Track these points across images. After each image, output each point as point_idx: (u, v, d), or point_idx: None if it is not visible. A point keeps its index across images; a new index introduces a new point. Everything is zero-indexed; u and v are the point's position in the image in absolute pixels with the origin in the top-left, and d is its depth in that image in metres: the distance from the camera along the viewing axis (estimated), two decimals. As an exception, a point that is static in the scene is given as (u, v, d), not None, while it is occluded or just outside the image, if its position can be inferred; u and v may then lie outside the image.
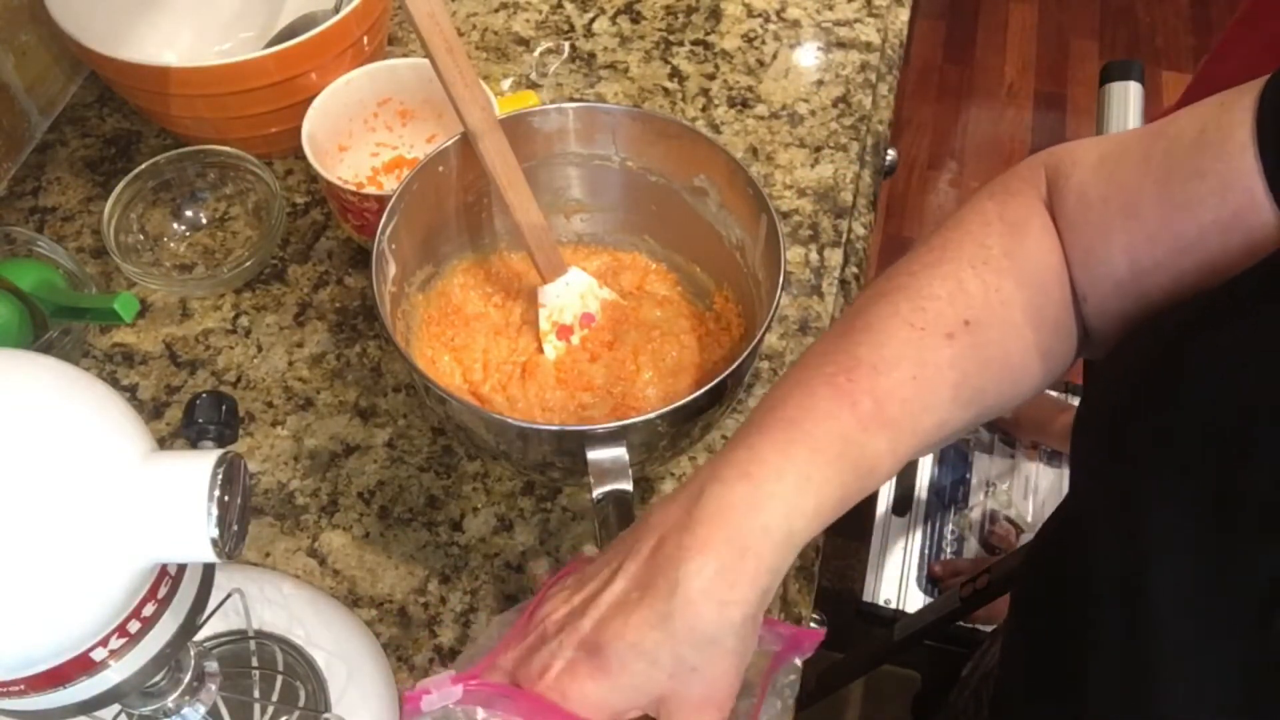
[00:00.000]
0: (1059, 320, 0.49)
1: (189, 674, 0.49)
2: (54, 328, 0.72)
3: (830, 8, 1.01)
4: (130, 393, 0.76)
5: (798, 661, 0.48)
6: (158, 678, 0.47)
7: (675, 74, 0.95)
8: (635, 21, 1.00)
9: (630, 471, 0.55)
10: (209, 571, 0.46)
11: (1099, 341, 0.50)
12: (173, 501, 0.38)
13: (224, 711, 0.53)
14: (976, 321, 0.47)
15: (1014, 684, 0.59)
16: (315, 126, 0.78)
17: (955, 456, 1.39)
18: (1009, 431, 1.40)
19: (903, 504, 1.34)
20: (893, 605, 1.26)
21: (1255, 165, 0.41)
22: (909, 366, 0.46)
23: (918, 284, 0.48)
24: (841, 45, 0.98)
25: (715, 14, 1.00)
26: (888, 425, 0.45)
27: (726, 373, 0.57)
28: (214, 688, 0.50)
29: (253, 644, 0.62)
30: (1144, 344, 0.44)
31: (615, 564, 0.44)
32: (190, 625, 0.44)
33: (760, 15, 1.00)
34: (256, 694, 0.59)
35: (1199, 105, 0.44)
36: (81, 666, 0.39)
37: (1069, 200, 0.48)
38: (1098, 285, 0.47)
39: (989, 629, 1.22)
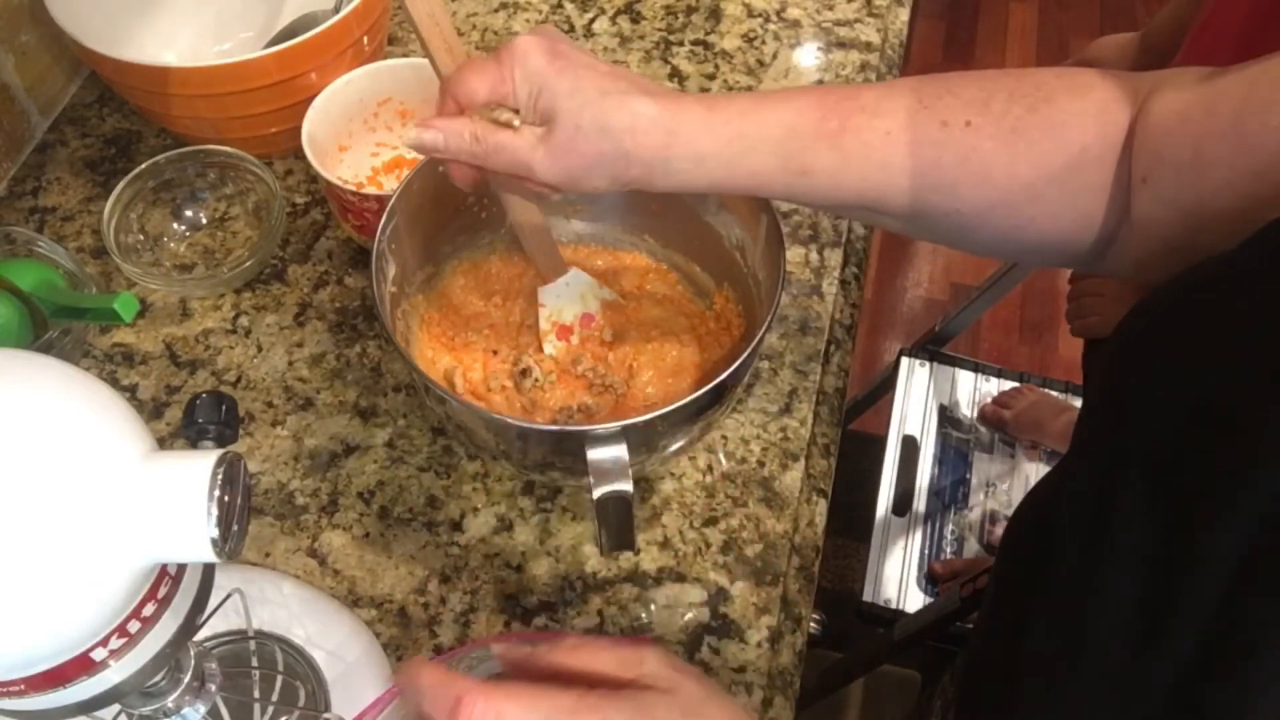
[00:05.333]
0: (1086, 175, 0.48)
1: (189, 674, 0.49)
2: (54, 328, 0.72)
3: (830, 8, 1.01)
4: (130, 393, 0.76)
5: None
6: (158, 678, 0.47)
7: (675, 74, 0.95)
8: (635, 21, 1.00)
9: (630, 471, 0.55)
10: (209, 571, 0.46)
11: (1140, 241, 0.48)
12: (173, 501, 0.38)
13: (224, 711, 0.53)
14: (976, 127, 0.49)
15: (968, 674, 0.58)
16: (315, 126, 0.78)
17: (955, 457, 1.39)
18: (1009, 431, 1.40)
19: (903, 504, 1.34)
20: (893, 605, 1.26)
21: None
22: (889, 123, 0.50)
23: (952, 79, 0.51)
24: (841, 45, 0.98)
25: (715, 14, 1.00)
26: (839, 148, 0.50)
27: (727, 373, 0.57)
28: (214, 688, 0.50)
29: (253, 644, 0.62)
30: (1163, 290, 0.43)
31: None
32: (190, 625, 0.44)
33: (760, 15, 1.00)
34: (256, 694, 0.59)
35: None
36: (81, 666, 0.39)
37: (1164, 97, 0.47)
38: (1160, 169, 0.46)
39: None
